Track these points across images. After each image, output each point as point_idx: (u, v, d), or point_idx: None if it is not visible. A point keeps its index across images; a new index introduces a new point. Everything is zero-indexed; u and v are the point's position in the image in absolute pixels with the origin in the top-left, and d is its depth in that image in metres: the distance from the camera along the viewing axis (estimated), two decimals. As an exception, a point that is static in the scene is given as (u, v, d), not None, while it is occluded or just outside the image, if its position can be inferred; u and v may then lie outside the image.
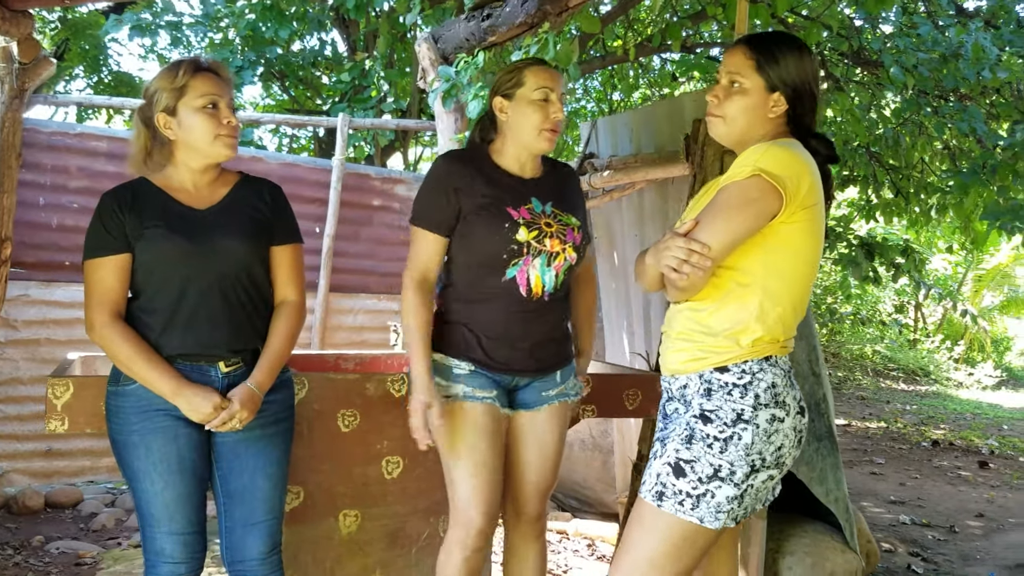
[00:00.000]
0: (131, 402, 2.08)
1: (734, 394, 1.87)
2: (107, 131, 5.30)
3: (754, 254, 1.87)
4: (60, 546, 3.90)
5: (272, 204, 2.25)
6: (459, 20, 4.80)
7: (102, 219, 2.11)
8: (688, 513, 1.86)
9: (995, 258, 15.45)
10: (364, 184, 5.72)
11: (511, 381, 2.40)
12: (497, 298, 2.32)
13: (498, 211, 2.29)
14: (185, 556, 2.10)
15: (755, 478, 1.86)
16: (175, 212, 2.13)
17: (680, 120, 3.65)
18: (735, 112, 1.95)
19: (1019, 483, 6.61)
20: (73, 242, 4.88)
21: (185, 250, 2.09)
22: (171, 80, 2.10)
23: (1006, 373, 14.88)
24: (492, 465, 2.31)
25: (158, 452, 2.06)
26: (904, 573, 4.14)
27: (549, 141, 2.33)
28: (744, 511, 1.90)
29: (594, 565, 3.90)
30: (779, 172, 1.79)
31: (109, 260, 2.09)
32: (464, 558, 2.30)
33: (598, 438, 4.56)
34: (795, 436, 1.91)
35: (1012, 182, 6.03)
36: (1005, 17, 6.15)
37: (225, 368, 2.13)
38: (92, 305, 2.08)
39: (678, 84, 9.57)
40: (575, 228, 2.37)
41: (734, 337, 1.89)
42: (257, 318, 2.19)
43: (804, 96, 1.94)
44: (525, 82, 2.32)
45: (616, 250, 4.31)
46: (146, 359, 2.05)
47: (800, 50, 1.94)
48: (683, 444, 1.89)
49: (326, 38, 8.53)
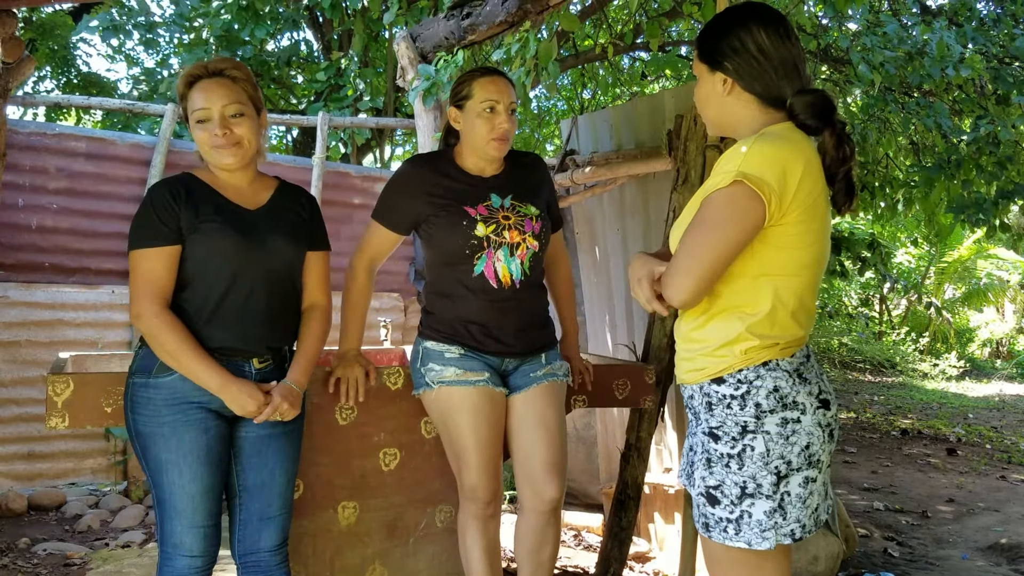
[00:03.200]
0: (164, 394, 2.10)
1: (733, 406, 1.78)
2: (86, 131, 5.26)
3: (745, 259, 1.77)
4: (47, 547, 3.89)
5: (310, 212, 2.34)
6: (438, 19, 4.84)
7: (156, 210, 2.11)
8: (734, 539, 1.78)
9: (957, 252, 15.78)
10: (344, 182, 5.75)
11: (501, 364, 2.52)
12: (472, 292, 2.46)
13: (457, 210, 2.45)
14: (203, 549, 2.12)
15: (787, 484, 1.75)
16: (229, 209, 2.18)
17: (661, 116, 3.73)
18: (700, 105, 1.93)
19: (986, 469, 6.78)
20: (53, 243, 4.86)
21: (239, 247, 2.13)
22: (178, 88, 2.18)
23: (969, 363, 15.20)
24: (492, 441, 2.45)
25: (189, 444, 2.08)
26: (881, 556, 4.26)
27: (498, 149, 2.48)
28: (797, 525, 1.77)
29: (582, 555, 3.96)
30: (763, 175, 1.69)
31: (161, 251, 2.10)
32: (479, 528, 2.44)
33: (581, 430, 4.63)
34: (823, 432, 1.79)
35: (976, 176, 6.19)
36: (967, 15, 6.31)
37: (258, 364, 2.19)
38: (141, 295, 2.08)
39: (647, 83, 9.68)
40: (533, 217, 2.52)
41: (728, 346, 1.80)
42: (292, 318, 2.28)
43: (745, 66, 1.81)
44: (473, 94, 2.46)
45: (598, 245, 4.37)
46: (194, 351, 2.07)
47: (737, 20, 1.82)
48: (706, 471, 1.82)
49: (299, 37, 8.52)
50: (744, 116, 1.85)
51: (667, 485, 3.76)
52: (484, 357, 2.48)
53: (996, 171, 5.97)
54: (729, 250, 1.74)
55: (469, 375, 2.44)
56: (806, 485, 1.77)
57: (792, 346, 1.82)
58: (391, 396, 2.65)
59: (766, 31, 1.81)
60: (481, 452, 2.42)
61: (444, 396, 2.45)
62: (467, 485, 2.45)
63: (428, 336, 2.52)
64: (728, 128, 1.91)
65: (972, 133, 6.07)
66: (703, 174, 3.21)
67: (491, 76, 2.48)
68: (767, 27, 1.81)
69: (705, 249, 1.74)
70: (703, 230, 1.75)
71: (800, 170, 1.72)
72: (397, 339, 5.46)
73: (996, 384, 13.56)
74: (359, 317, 2.61)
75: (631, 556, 3.51)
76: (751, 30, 1.81)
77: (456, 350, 2.47)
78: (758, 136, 1.76)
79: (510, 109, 2.46)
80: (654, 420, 3.28)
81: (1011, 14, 6.36)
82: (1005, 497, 5.76)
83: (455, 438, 2.45)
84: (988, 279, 15.96)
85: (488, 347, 2.48)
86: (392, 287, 5.72)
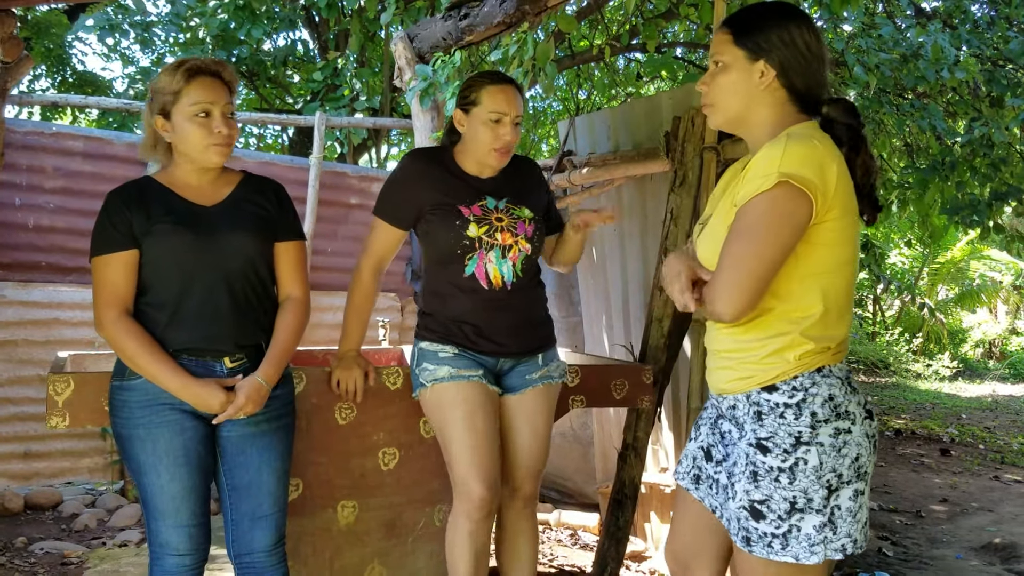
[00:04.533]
0: (137, 396, 2.10)
1: (787, 416, 1.70)
2: (83, 131, 5.26)
3: (790, 261, 1.70)
4: (44, 547, 3.89)
5: (276, 202, 2.29)
6: (435, 19, 4.85)
7: (109, 216, 2.12)
8: (780, 554, 1.70)
9: (950, 253, 15.84)
10: (341, 182, 5.75)
11: (496, 364, 2.52)
12: (463, 292, 2.47)
13: (451, 209, 2.46)
14: (190, 548, 2.13)
15: (838, 498, 1.69)
16: (182, 208, 2.16)
17: (658, 117, 3.75)
18: (722, 93, 1.81)
19: (979, 469, 6.82)
20: (50, 242, 4.86)
21: (193, 245, 2.12)
22: (167, 83, 2.11)
23: (962, 364, 15.24)
24: (488, 435, 2.42)
25: (164, 445, 2.08)
26: (875, 556, 4.28)
27: (498, 160, 2.48)
28: (848, 540, 1.71)
29: (578, 554, 3.98)
30: (804, 172, 1.64)
31: (117, 257, 2.10)
32: (469, 531, 2.40)
33: (578, 430, 4.64)
34: (869, 443, 1.74)
35: (969, 178, 6.22)
36: (961, 17, 6.34)
37: (230, 364, 2.17)
38: (100, 302, 2.10)
39: (642, 84, 9.70)
40: (527, 220, 2.52)
41: (779, 353, 1.72)
42: (262, 314, 2.23)
43: (794, 62, 1.76)
44: (481, 102, 2.45)
45: (594, 246, 4.39)
46: (152, 355, 2.07)
47: (784, 16, 1.78)
48: (751, 484, 1.73)
49: (296, 37, 8.53)
50: (768, 114, 1.80)
51: (663, 484, 3.78)
52: (478, 357, 2.49)
53: (990, 173, 6.00)
54: (779, 255, 1.68)
55: (463, 371, 2.44)
56: (855, 498, 1.71)
57: (842, 350, 1.77)
58: (390, 396, 2.66)
59: (810, 29, 1.78)
60: (474, 445, 2.38)
61: (438, 393, 2.45)
62: (459, 481, 2.41)
63: (423, 336, 2.54)
64: (742, 124, 1.83)
65: (966, 135, 6.10)
66: (701, 175, 3.23)
67: (501, 85, 2.45)
68: (810, 25, 1.78)
69: (754, 258, 1.67)
70: (750, 238, 1.68)
71: (836, 167, 1.69)
72: (395, 339, 5.47)
73: (989, 385, 13.61)
74: (362, 319, 2.59)
75: (627, 555, 3.53)
76: (799, 25, 1.77)
77: (450, 349, 2.48)
78: (787, 136, 1.70)
79: (516, 121, 2.45)
80: (651, 420, 3.30)
81: (1005, 17, 6.39)
82: (999, 497, 5.79)
83: (448, 433, 2.43)
84: (981, 280, 16.03)
85: (482, 347, 2.49)
86: (389, 287, 5.73)
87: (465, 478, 2.39)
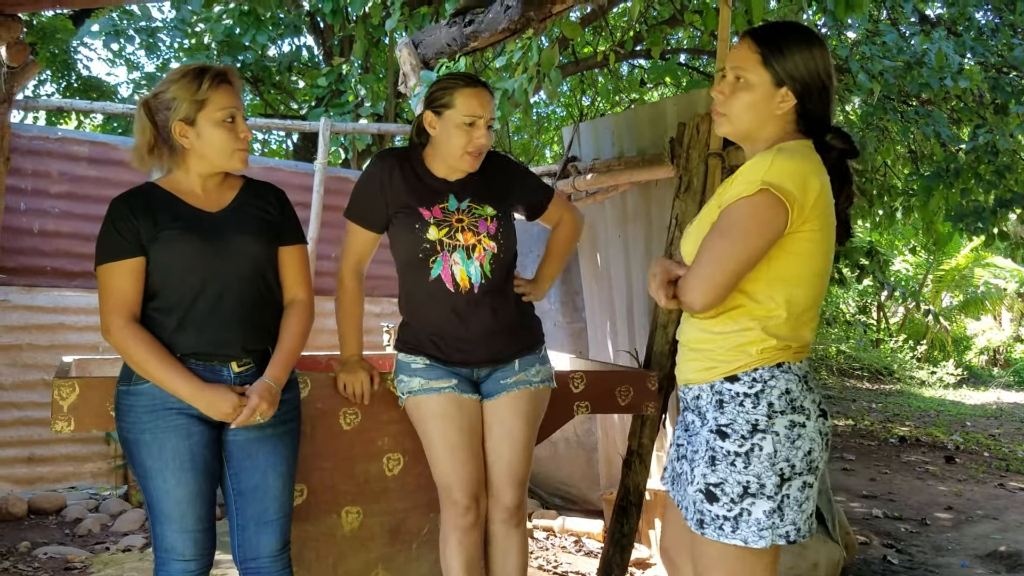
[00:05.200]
0: (143, 401, 2.10)
1: (746, 404, 1.81)
2: (88, 135, 5.28)
3: (762, 264, 1.82)
4: (48, 551, 3.89)
5: (279, 206, 2.30)
6: (440, 25, 4.87)
7: (115, 224, 2.12)
8: (730, 536, 1.80)
9: (954, 260, 15.81)
10: (346, 188, 5.68)
11: (472, 373, 2.52)
12: (432, 297, 2.46)
13: (412, 212, 2.45)
14: (196, 553, 2.12)
15: (789, 487, 1.79)
16: (189, 214, 2.16)
17: (662, 124, 3.75)
18: (740, 109, 1.88)
19: (984, 476, 6.80)
20: (55, 247, 4.87)
21: (202, 250, 2.12)
22: (193, 90, 2.11)
23: (967, 371, 15.22)
24: (464, 447, 2.43)
25: (171, 450, 2.08)
26: (880, 564, 4.27)
27: (471, 164, 2.46)
28: (792, 528, 1.81)
29: (583, 561, 3.97)
30: (786, 184, 1.74)
31: (123, 264, 2.10)
32: (459, 540, 2.42)
33: (582, 436, 4.64)
34: (821, 439, 1.84)
35: (974, 185, 6.22)
36: (966, 25, 6.35)
37: (237, 368, 2.17)
38: (108, 310, 2.10)
39: (646, 90, 9.72)
40: (488, 218, 2.49)
41: (742, 346, 1.84)
42: (269, 318, 2.23)
43: (814, 90, 1.85)
44: (454, 105, 2.41)
45: (599, 252, 4.39)
46: (161, 361, 2.07)
47: (810, 42, 1.85)
48: (708, 467, 1.84)
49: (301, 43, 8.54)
50: (774, 131, 1.88)
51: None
52: (450, 368, 2.49)
53: (994, 180, 6.01)
54: (751, 257, 1.79)
55: (434, 383, 2.45)
56: (804, 490, 1.81)
57: (803, 351, 1.88)
58: (394, 401, 2.65)
59: (826, 55, 1.86)
60: (452, 456, 2.41)
61: (413, 406, 2.49)
62: (443, 490, 2.44)
63: (399, 348, 2.56)
64: (749, 136, 1.92)
65: (971, 142, 6.10)
66: (705, 182, 3.22)
67: (475, 88, 2.43)
68: (825, 51, 1.86)
69: (728, 256, 1.79)
70: (728, 238, 1.80)
71: (819, 184, 1.79)
72: (398, 344, 5.46)
73: (993, 392, 13.59)
74: (355, 323, 2.60)
75: (632, 562, 3.52)
76: (823, 52, 1.86)
77: (422, 361, 2.49)
78: (777, 150, 1.81)
79: (488, 124, 2.43)
80: (656, 426, 3.29)
81: (1009, 24, 6.40)
82: (1004, 505, 5.77)
83: (428, 445, 2.46)
84: (985, 287, 16.00)
85: (453, 358, 2.48)
86: (393, 292, 5.72)
87: (447, 487, 2.43)
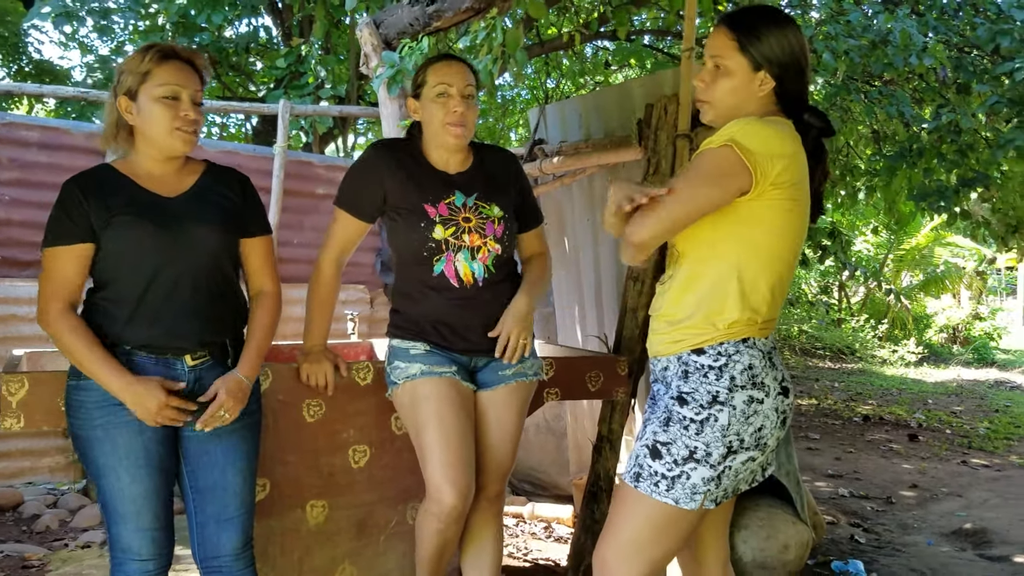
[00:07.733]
0: (94, 396, 2.02)
1: (710, 376, 1.87)
2: (39, 120, 5.11)
3: (729, 234, 1.86)
4: (4, 549, 3.77)
5: (243, 195, 2.21)
6: (402, 5, 4.76)
7: (65, 207, 2.02)
8: (663, 494, 1.86)
9: (915, 239, 16.01)
10: (307, 172, 5.64)
11: (469, 362, 2.46)
12: (434, 291, 2.40)
13: (416, 208, 2.37)
14: (153, 553, 2.05)
15: (733, 459, 1.86)
16: (143, 200, 2.06)
17: (629, 105, 3.69)
18: (722, 95, 1.93)
19: (947, 454, 6.89)
20: (5, 236, 4.72)
21: (156, 238, 2.03)
22: (137, 63, 2.03)
23: (927, 349, 15.44)
24: (459, 431, 2.33)
25: (124, 447, 2.00)
26: (848, 543, 4.29)
27: (455, 136, 2.38)
28: (724, 493, 1.90)
29: (552, 547, 3.94)
30: (752, 147, 1.78)
31: (70, 250, 2.01)
32: (437, 529, 2.33)
33: (551, 422, 4.60)
34: (777, 417, 1.90)
35: (937, 164, 6.26)
36: (929, 4, 6.37)
37: (192, 362, 2.09)
38: (48, 295, 2.01)
39: (611, 72, 9.66)
40: (496, 220, 2.43)
41: (710, 319, 1.88)
42: (226, 310, 2.15)
43: (791, 70, 1.90)
44: (427, 81, 2.39)
45: (567, 235, 4.34)
46: (92, 352, 1.98)
47: (783, 23, 1.91)
48: (660, 427, 1.90)
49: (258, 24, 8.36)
50: (754, 110, 1.92)
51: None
52: (451, 354, 2.42)
53: (957, 159, 6.04)
54: (703, 204, 1.81)
55: (435, 368, 2.37)
56: (747, 464, 1.89)
57: (769, 327, 1.93)
58: (360, 392, 2.59)
59: (799, 35, 1.92)
60: (445, 443, 2.29)
61: (409, 390, 2.38)
62: (431, 485, 2.32)
63: (394, 334, 2.47)
64: (731, 118, 1.92)
65: (933, 122, 6.12)
66: (674, 163, 3.18)
67: (445, 60, 2.42)
68: (798, 31, 1.92)
69: (678, 200, 1.80)
70: (683, 182, 1.82)
71: (788, 153, 1.82)
72: (364, 332, 5.38)
73: (953, 369, 13.80)
74: (326, 314, 2.52)
75: (603, 548, 3.49)
76: (796, 33, 1.91)
77: (422, 346, 2.41)
78: (756, 118, 1.86)
79: (465, 94, 2.37)
80: (625, 411, 3.25)
81: (972, 3, 6.42)
82: (967, 482, 5.85)
83: (420, 431, 2.34)
84: (945, 266, 16.24)
85: (455, 345, 2.42)
86: (359, 279, 5.64)
87: (438, 484, 2.29)
